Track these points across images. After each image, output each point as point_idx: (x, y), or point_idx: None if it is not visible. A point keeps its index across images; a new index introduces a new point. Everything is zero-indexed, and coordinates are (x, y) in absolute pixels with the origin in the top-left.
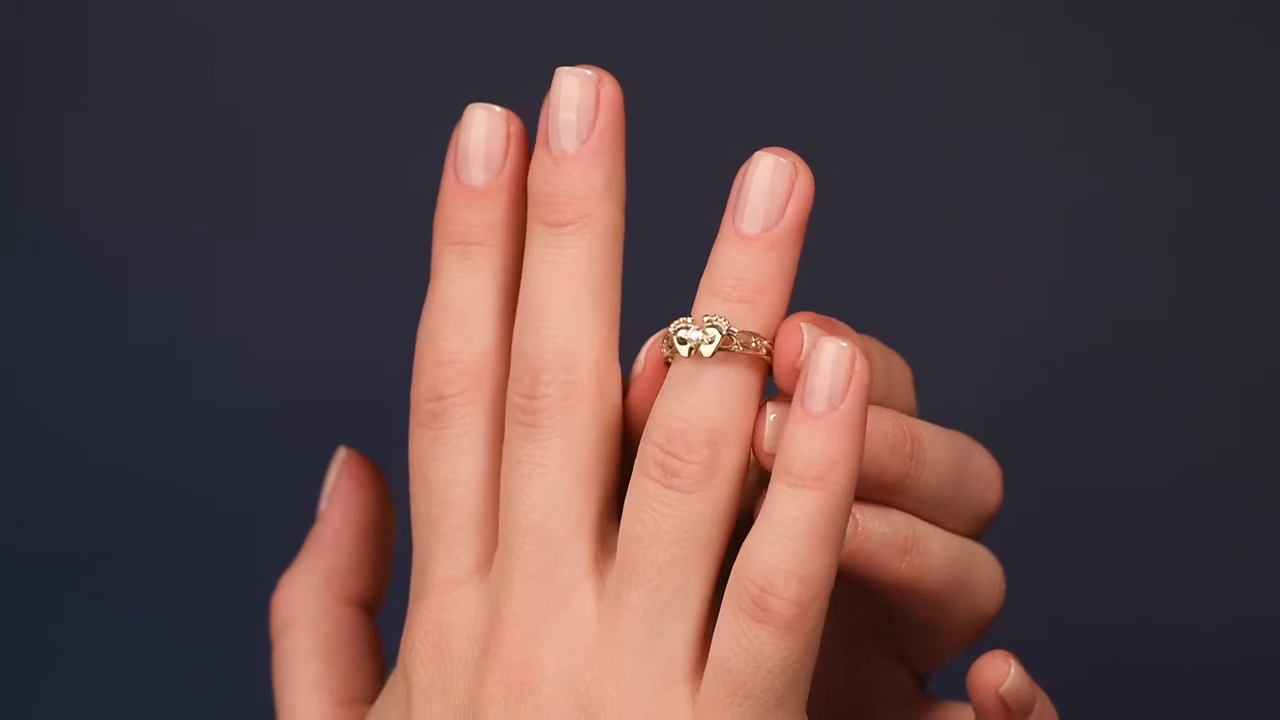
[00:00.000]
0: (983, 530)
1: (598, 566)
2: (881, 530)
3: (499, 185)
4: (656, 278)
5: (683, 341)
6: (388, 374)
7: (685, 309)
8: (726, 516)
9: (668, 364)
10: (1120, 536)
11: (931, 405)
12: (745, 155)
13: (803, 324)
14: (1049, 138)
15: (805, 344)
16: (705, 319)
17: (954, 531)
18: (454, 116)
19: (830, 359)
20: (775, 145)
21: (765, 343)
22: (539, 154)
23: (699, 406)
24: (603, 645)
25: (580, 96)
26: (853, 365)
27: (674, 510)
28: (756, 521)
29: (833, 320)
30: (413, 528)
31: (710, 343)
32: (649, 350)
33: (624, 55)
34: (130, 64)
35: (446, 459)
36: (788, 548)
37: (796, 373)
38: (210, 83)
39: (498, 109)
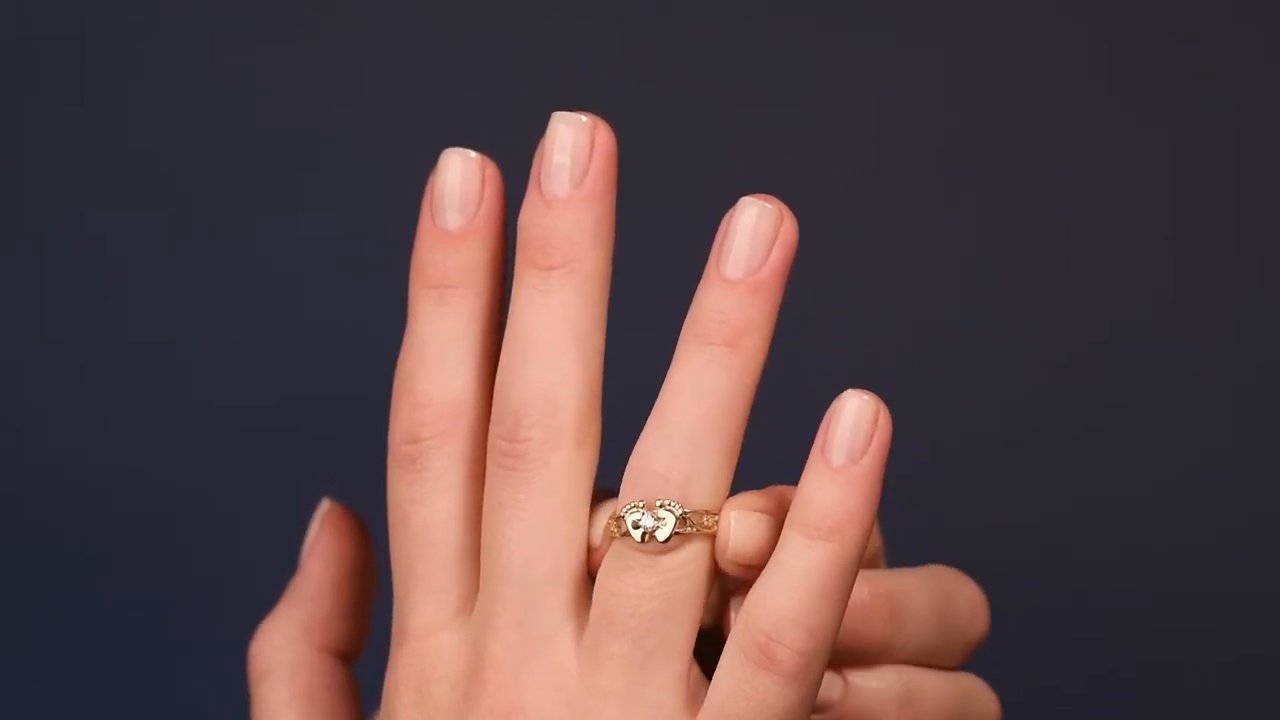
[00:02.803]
0: (971, 656)
1: (577, 612)
2: (874, 686)
3: (474, 229)
4: (652, 279)
5: (636, 526)
6: (388, 374)
7: (679, 312)
8: (709, 565)
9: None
10: (1120, 536)
11: (931, 405)
12: (744, 156)
13: (733, 514)
14: (1049, 138)
15: (732, 534)
16: (658, 503)
17: (944, 668)
18: (455, 116)
19: (853, 412)
20: (778, 145)
21: (716, 519)
22: (531, 197)
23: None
24: (584, 692)
25: (575, 141)
26: (875, 419)
27: (654, 564)
28: (766, 569)
29: (774, 490)
30: (392, 571)
31: (665, 527)
32: (604, 533)
33: (624, 55)
34: (130, 64)
35: (425, 502)
36: (798, 598)
37: (735, 565)
38: (210, 83)
39: (473, 154)
